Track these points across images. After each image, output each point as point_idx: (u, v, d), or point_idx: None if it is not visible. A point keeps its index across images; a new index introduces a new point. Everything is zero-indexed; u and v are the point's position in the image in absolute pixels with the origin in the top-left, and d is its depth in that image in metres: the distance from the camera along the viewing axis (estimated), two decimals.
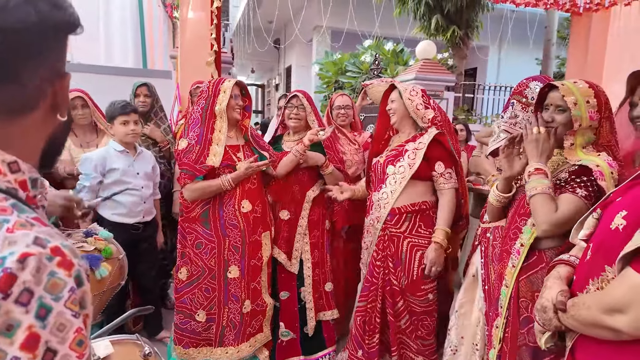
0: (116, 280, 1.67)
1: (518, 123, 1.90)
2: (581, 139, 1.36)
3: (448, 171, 1.97)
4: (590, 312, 0.87)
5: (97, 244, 1.63)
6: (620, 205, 0.93)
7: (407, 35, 8.90)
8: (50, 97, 0.54)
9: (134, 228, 2.32)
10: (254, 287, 2.10)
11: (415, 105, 2.01)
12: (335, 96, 2.78)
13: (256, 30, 10.27)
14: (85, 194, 2.22)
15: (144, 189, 2.34)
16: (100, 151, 2.31)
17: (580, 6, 3.84)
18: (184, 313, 2.05)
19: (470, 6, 8.05)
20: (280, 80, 15.10)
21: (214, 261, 2.01)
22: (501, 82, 9.71)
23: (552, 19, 8.42)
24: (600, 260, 0.91)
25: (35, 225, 0.47)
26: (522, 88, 1.85)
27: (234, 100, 2.02)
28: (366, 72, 8.04)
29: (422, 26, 8.59)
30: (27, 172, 0.52)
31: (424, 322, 1.99)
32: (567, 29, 9.37)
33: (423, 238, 1.96)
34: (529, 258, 1.41)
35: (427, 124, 2.02)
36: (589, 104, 1.33)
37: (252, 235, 2.05)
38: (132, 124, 2.25)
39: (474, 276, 1.89)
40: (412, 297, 1.97)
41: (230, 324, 2.05)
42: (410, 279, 1.95)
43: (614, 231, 0.89)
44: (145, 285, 2.51)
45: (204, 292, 2.03)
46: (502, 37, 9.62)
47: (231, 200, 2.01)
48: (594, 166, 1.28)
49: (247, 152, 2.10)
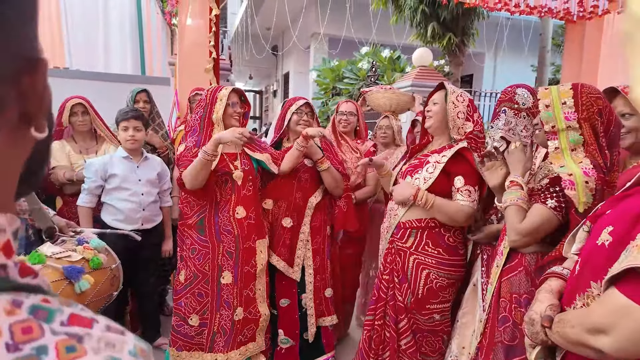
0: (107, 291, 1.63)
1: (512, 129, 1.93)
2: (565, 141, 1.34)
3: (467, 188, 1.76)
4: (574, 331, 0.87)
5: (85, 253, 1.58)
6: (607, 219, 0.92)
7: (403, 43, 8.99)
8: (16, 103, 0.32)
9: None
10: (247, 294, 2.09)
11: (456, 113, 1.84)
12: (341, 102, 2.78)
13: (254, 37, 10.35)
14: (85, 197, 2.25)
15: (144, 195, 2.32)
16: (104, 157, 2.33)
17: (574, 14, 3.90)
18: (179, 316, 2.07)
19: (466, 14, 8.15)
20: (278, 86, 15.17)
21: (208, 266, 2.04)
22: (497, 89, 9.79)
23: (547, 26, 8.52)
24: (587, 275, 0.91)
25: (84, 336, 0.29)
26: (511, 95, 1.88)
27: (232, 108, 2.03)
28: (363, 79, 8.10)
29: (418, 33, 8.67)
30: (7, 228, 0.32)
31: (428, 339, 1.92)
32: (562, 36, 9.48)
33: (430, 257, 1.83)
34: (511, 260, 1.47)
35: (461, 136, 1.85)
36: (565, 104, 1.33)
37: (246, 242, 2.06)
38: (132, 130, 2.25)
39: (475, 285, 1.90)
40: (418, 314, 1.88)
41: (221, 330, 2.06)
42: (416, 297, 1.84)
43: (600, 247, 0.88)
44: (143, 293, 2.49)
45: (197, 297, 2.05)
46: (497, 44, 9.72)
47: (226, 206, 2.04)
48: (566, 175, 1.27)
49: (244, 160, 2.10)
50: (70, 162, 2.42)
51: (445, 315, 1.89)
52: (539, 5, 3.83)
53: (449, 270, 1.83)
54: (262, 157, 2.15)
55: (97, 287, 1.56)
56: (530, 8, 3.84)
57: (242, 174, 2.06)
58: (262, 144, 2.24)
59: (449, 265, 1.83)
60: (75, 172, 2.39)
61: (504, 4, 3.78)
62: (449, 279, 1.84)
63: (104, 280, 1.61)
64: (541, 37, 8.62)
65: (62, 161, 2.39)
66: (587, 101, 1.33)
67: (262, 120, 16.43)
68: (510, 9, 3.86)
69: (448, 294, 1.86)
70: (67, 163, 2.40)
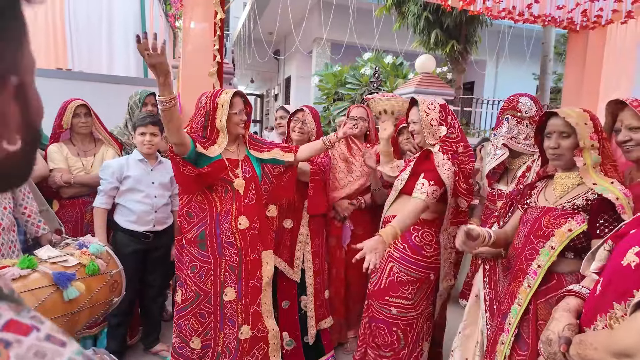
0: (105, 297, 1.58)
1: (514, 137, 1.92)
2: (589, 159, 1.38)
3: (422, 181, 1.84)
4: (598, 354, 0.85)
5: (82, 258, 1.53)
6: (633, 239, 0.90)
7: (406, 49, 9.00)
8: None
9: (144, 236, 2.30)
10: (254, 310, 1.96)
11: (429, 120, 1.94)
12: (352, 107, 2.83)
13: (256, 41, 10.37)
14: (101, 198, 2.28)
15: (157, 198, 2.33)
16: (120, 159, 2.36)
17: (578, 24, 3.90)
18: (181, 337, 1.97)
19: (469, 21, 8.18)
20: (280, 90, 15.19)
21: (210, 284, 1.93)
22: (498, 97, 9.80)
23: (549, 35, 8.54)
24: (610, 296, 0.89)
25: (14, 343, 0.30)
26: (514, 103, 1.92)
27: (238, 116, 1.94)
28: (366, 85, 8.10)
29: (421, 40, 8.70)
30: None
31: (380, 330, 1.96)
32: (564, 45, 9.51)
33: (397, 251, 1.95)
34: (548, 281, 1.41)
35: (436, 140, 1.94)
36: (586, 125, 1.38)
37: (251, 254, 1.95)
38: (149, 136, 2.27)
39: (477, 296, 1.88)
40: (375, 302, 1.99)
41: (226, 350, 1.94)
42: (378, 286, 1.98)
43: (625, 268, 0.86)
44: (150, 295, 2.48)
45: (199, 318, 1.94)
46: (499, 52, 9.74)
47: (228, 217, 1.92)
48: (614, 199, 1.27)
49: (246, 167, 2.01)
50: (68, 164, 2.40)
51: (404, 312, 1.94)
52: (543, 14, 3.82)
53: (409, 267, 1.93)
54: (272, 154, 2.08)
55: (91, 294, 1.50)
56: (534, 17, 3.84)
57: (244, 182, 1.97)
58: (267, 142, 2.18)
59: (410, 263, 1.93)
60: (73, 175, 2.37)
61: (508, 12, 3.78)
62: (409, 275, 1.92)
63: (101, 286, 1.56)
64: (543, 45, 8.65)
65: (59, 164, 2.37)
66: (600, 124, 1.42)
67: (263, 123, 16.44)
68: (514, 18, 3.86)
69: (408, 292, 1.93)
70: (64, 166, 2.39)
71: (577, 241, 1.36)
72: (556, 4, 3.77)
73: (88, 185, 2.41)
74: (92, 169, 2.46)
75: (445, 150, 1.90)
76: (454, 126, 1.96)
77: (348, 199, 2.56)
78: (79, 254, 1.55)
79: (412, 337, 1.95)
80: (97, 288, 1.54)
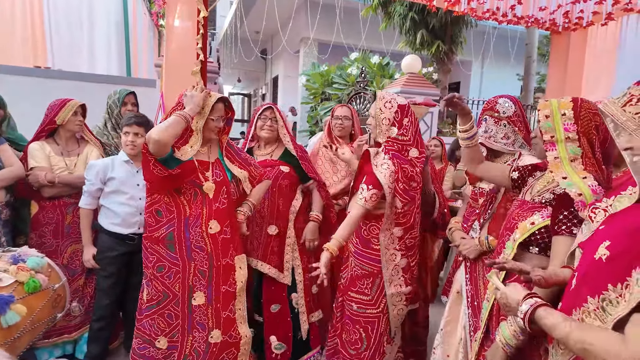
0: (47, 315, 1.45)
1: (492, 136, 1.95)
2: (564, 151, 1.34)
3: (362, 186, 1.82)
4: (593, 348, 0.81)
5: (19, 275, 1.36)
6: (603, 234, 0.91)
7: (392, 49, 9.05)
8: None
9: (129, 239, 2.26)
10: (227, 316, 1.89)
11: (381, 119, 1.90)
12: (337, 106, 2.81)
13: (243, 40, 10.29)
14: (86, 199, 2.25)
15: (142, 200, 2.25)
16: (105, 160, 2.32)
17: (560, 25, 3.95)
18: (143, 338, 1.87)
19: (454, 22, 8.24)
20: (267, 90, 15.12)
21: (178, 286, 1.85)
22: (483, 97, 9.92)
23: (533, 36, 8.68)
24: (584, 290, 0.89)
25: None
26: (493, 105, 1.95)
27: (215, 122, 1.91)
28: (352, 85, 8.10)
29: (407, 40, 8.74)
30: None
31: (347, 326, 1.96)
32: (547, 46, 9.67)
33: (353, 246, 1.97)
34: (511, 276, 1.39)
35: (385, 139, 1.91)
36: (565, 115, 1.34)
37: (223, 259, 1.89)
38: (131, 136, 2.23)
39: (459, 292, 1.89)
40: (342, 298, 2.02)
41: (194, 353, 1.86)
42: (345, 281, 1.99)
43: (597, 261, 0.87)
44: (134, 297, 2.42)
45: (167, 319, 1.85)
46: (484, 53, 9.86)
47: (198, 221, 1.85)
48: (576, 195, 1.23)
49: (217, 170, 1.95)
50: (50, 163, 2.34)
51: (363, 309, 1.91)
52: (526, 15, 3.87)
53: (362, 260, 1.91)
54: (239, 174, 2.03)
55: (33, 314, 1.34)
56: (517, 18, 3.88)
57: (214, 186, 1.91)
58: (244, 157, 2.11)
59: (361, 256, 1.92)
60: (57, 174, 2.31)
61: (492, 13, 3.82)
62: (363, 269, 1.90)
63: (43, 304, 1.40)
64: (527, 46, 8.78)
65: (41, 162, 2.30)
66: (586, 115, 1.34)
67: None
68: (498, 19, 3.89)
69: (364, 286, 1.90)
70: (46, 164, 2.32)
71: (540, 236, 1.34)
72: (539, 5, 3.82)
73: (71, 186, 2.35)
74: (75, 169, 2.40)
75: (387, 150, 1.87)
76: (407, 129, 1.90)
77: (334, 199, 2.56)
78: (14, 270, 1.36)
79: (375, 339, 1.89)
80: (39, 307, 1.38)
